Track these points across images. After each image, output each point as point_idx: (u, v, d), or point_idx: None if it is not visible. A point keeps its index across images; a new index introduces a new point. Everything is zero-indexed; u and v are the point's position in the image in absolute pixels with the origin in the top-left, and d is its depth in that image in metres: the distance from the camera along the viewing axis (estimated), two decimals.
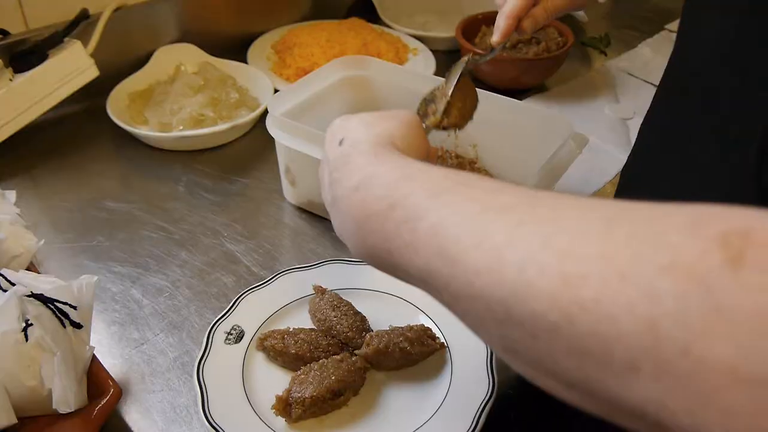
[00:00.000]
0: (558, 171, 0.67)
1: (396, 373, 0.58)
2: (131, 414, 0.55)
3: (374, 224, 0.36)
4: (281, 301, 0.63)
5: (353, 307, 0.61)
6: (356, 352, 0.58)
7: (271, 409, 0.53)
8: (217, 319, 0.60)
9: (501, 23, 0.68)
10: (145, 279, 0.68)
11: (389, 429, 0.54)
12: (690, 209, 0.25)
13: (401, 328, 0.59)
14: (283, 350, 0.57)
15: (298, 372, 0.56)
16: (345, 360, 0.56)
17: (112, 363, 0.59)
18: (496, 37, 0.68)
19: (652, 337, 0.23)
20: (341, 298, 0.62)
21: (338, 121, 0.45)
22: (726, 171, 0.43)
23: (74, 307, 0.51)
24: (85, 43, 0.88)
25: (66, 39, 0.87)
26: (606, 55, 1.15)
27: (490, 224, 0.30)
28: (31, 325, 0.48)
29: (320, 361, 0.56)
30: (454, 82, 0.61)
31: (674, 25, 1.26)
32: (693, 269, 0.22)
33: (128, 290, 0.67)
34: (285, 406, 0.53)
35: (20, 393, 0.49)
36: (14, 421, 0.49)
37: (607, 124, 0.96)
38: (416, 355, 0.58)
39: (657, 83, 1.08)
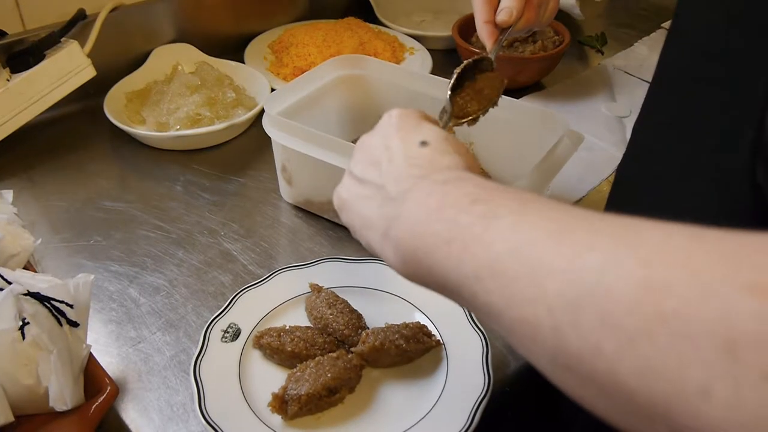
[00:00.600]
0: (553, 169, 0.67)
1: (392, 370, 0.59)
2: (128, 412, 0.55)
3: (436, 253, 0.34)
4: (278, 299, 0.63)
5: (349, 304, 0.62)
6: (352, 349, 0.58)
7: (268, 406, 0.53)
8: (213, 317, 0.60)
9: (482, 33, 0.68)
10: (142, 278, 0.68)
11: (385, 426, 0.54)
12: None
13: (397, 325, 0.59)
14: (279, 348, 0.57)
15: (294, 369, 0.56)
16: (341, 357, 0.56)
17: (109, 361, 0.59)
18: (487, 46, 0.68)
19: (731, 359, 0.21)
20: (337, 296, 0.62)
21: (375, 137, 0.45)
22: (719, 168, 0.43)
23: (71, 306, 0.51)
24: (82, 43, 0.88)
25: (63, 39, 0.87)
26: (603, 53, 1.15)
27: (569, 235, 0.28)
28: (28, 323, 0.49)
29: (316, 358, 0.56)
30: (451, 86, 0.62)
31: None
32: None
33: (125, 289, 0.67)
34: (281, 404, 0.53)
35: (17, 391, 0.49)
36: (11, 419, 0.49)
37: (604, 123, 0.96)
38: (412, 353, 0.58)
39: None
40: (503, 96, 0.76)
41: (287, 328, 0.59)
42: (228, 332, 0.60)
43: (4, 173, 0.82)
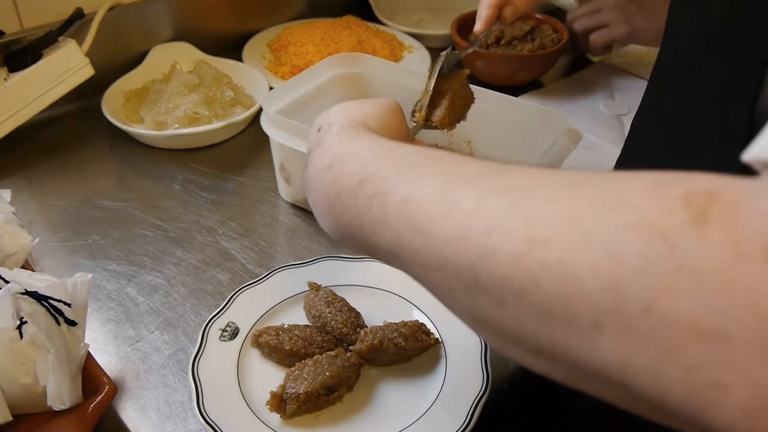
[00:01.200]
0: (552, 167, 0.67)
1: (390, 369, 0.59)
2: (126, 411, 0.55)
3: (346, 201, 0.37)
4: (276, 297, 0.63)
5: (348, 303, 0.62)
6: (351, 348, 0.58)
7: (266, 405, 0.53)
8: (211, 316, 0.60)
9: (483, 12, 0.71)
10: (141, 277, 0.68)
11: (383, 424, 0.54)
12: (654, 173, 0.25)
13: (395, 324, 0.59)
14: (277, 346, 0.57)
15: (293, 368, 0.56)
16: (339, 356, 0.56)
17: (107, 360, 0.59)
18: (478, 26, 0.71)
19: (616, 295, 0.23)
20: (336, 295, 0.62)
21: (321, 113, 0.46)
22: (717, 162, 0.43)
23: (69, 305, 0.51)
24: (80, 42, 0.88)
25: (61, 38, 0.87)
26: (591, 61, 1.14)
27: (457, 194, 0.30)
28: (26, 322, 0.49)
29: (314, 357, 0.56)
30: (435, 76, 0.62)
31: None
32: (656, 227, 0.23)
33: (123, 288, 0.67)
34: (279, 402, 0.53)
35: (15, 391, 0.49)
36: (9, 418, 0.49)
37: (603, 121, 0.96)
38: (410, 351, 0.58)
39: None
40: (501, 93, 0.76)
41: (285, 326, 0.59)
42: (226, 331, 0.59)
43: (2, 172, 0.82)
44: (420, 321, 0.60)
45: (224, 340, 0.59)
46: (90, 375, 0.53)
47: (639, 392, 0.23)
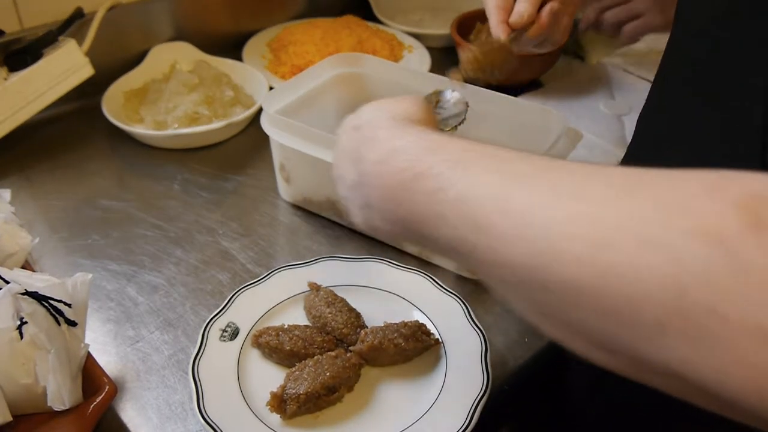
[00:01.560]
0: None
1: (390, 369, 0.59)
2: (126, 411, 0.55)
3: (403, 194, 0.37)
4: (276, 298, 0.63)
5: (348, 303, 0.62)
6: (351, 348, 0.58)
7: (266, 405, 0.53)
8: (211, 316, 0.60)
9: (497, 31, 0.70)
10: (140, 277, 0.68)
11: (384, 424, 0.54)
12: (707, 174, 0.26)
13: (396, 324, 0.59)
14: (277, 347, 0.57)
15: (293, 368, 0.56)
16: (340, 356, 0.56)
17: (107, 360, 0.59)
18: (502, 38, 0.69)
19: (680, 298, 0.24)
20: (336, 295, 0.62)
21: (350, 116, 0.46)
22: (725, 160, 0.43)
23: (69, 305, 0.51)
24: (80, 42, 0.88)
25: (61, 38, 0.87)
26: (582, 59, 1.14)
27: (515, 192, 0.31)
28: (26, 322, 0.49)
29: (315, 357, 0.56)
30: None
31: None
32: (716, 232, 0.24)
33: (123, 288, 0.67)
34: (279, 403, 0.53)
35: (15, 391, 0.49)
36: (9, 419, 0.49)
37: (603, 121, 0.96)
38: (411, 351, 0.58)
39: (653, 79, 1.08)
40: (500, 93, 0.76)
41: (286, 326, 0.59)
42: (226, 331, 0.59)
43: (2, 172, 0.82)
44: (420, 321, 0.60)
45: (224, 341, 0.59)
46: (90, 375, 0.53)
47: (701, 386, 0.24)
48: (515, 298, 0.32)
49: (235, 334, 0.60)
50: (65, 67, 0.86)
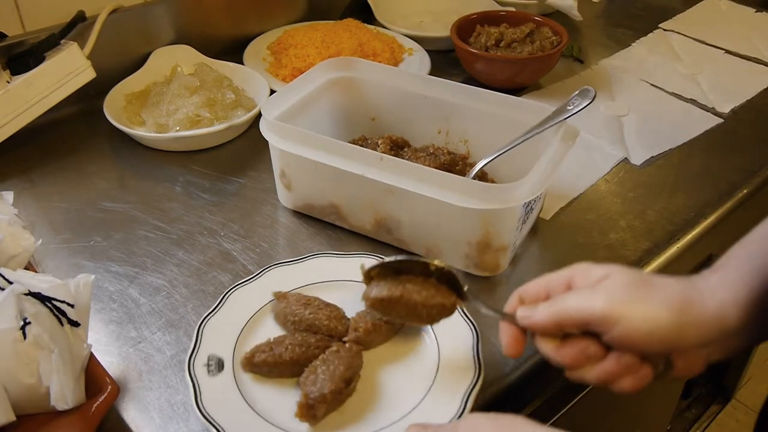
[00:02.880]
0: (553, 165, 0.67)
1: (380, 352, 0.60)
2: (129, 411, 0.56)
3: None
4: (243, 318, 0.61)
5: (321, 299, 0.62)
6: (344, 339, 0.58)
7: (295, 417, 0.52)
8: (189, 355, 0.57)
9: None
10: (143, 278, 0.68)
11: (393, 405, 0.55)
12: None
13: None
14: (277, 360, 0.56)
15: (304, 374, 0.55)
16: (340, 349, 0.57)
17: (109, 361, 0.59)
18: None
19: None
20: (307, 296, 0.62)
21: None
22: None
23: (72, 306, 0.52)
24: (82, 45, 0.88)
25: (63, 41, 0.87)
26: (582, 61, 1.14)
27: None
28: (29, 323, 0.49)
29: (320, 357, 0.56)
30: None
31: (668, 24, 1.27)
32: None
33: (126, 289, 0.67)
34: (308, 409, 0.52)
35: (18, 391, 0.49)
36: (13, 418, 0.49)
37: (602, 121, 0.97)
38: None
39: (651, 81, 1.09)
40: (497, 93, 0.77)
41: (272, 340, 0.58)
42: (210, 365, 0.57)
43: (5, 175, 0.82)
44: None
45: (213, 375, 0.56)
46: (93, 375, 0.53)
47: None
48: None
49: (220, 365, 0.57)
50: (67, 70, 0.86)
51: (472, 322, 0.60)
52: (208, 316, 0.60)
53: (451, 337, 0.60)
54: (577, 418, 0.76)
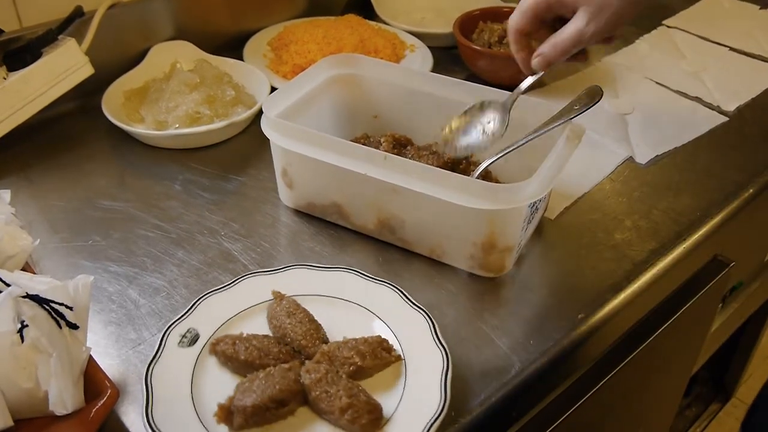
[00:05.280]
0: (559, 164, 0.66)
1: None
2: (129, 415, 0.55)
3: None
4: (241, 305, 0.61)
5: (309, 314, 0.59)
6: (307, 361, 0.56)
7: (213, 416, 0.52)
8: (172, 321, 0.58)
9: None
10: (142, 278, 0.67)
11: None
12: None
13: (355, 339, 0.56)
14: (232, 356, 0.55)
15: (244, 380, 0.54)
16: (293, 369, 0.54)
17: (109, 364, 0.58)
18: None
19: None
20: (298, 305, 0.60)
21: None
22: None
23: (70, 308, 0.51)
24: (80, 41, 0.87)
25: (60, 37, 0.86)
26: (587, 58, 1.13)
27: None
28: (27, 326, 0.48)
29: (267, 369, 0.54)
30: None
31: (671, 21, 1.26)
32: None
33: (125, 290, 0.66)
34: (227, 414, 0.51)
35: (16, 395, 0.48)
36: (10, 423, 0.48)
37: (606, 119, 0.96)
38: (370, 369, 0.56)
39: (655, 79, 1.08)
40: (500, 90, 0.76)
41: (244, 335, 0.57)
42: (186, 337, 0.58)
43: (1, 173, 0.81)
44: (382, 337, 0.57)
45: (183, 346, 0.57)
46: (92, 379, 0.52)
47: None
48: None
49: (194, 340, 0.58)
50: (65, 67, 0.85)
51: (444, 348, 0.57)
52: (211, 293, 0.61)
53: (422, 363, 0.57)
54: (582, 418, 0.76)
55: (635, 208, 0.79)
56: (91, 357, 0.53)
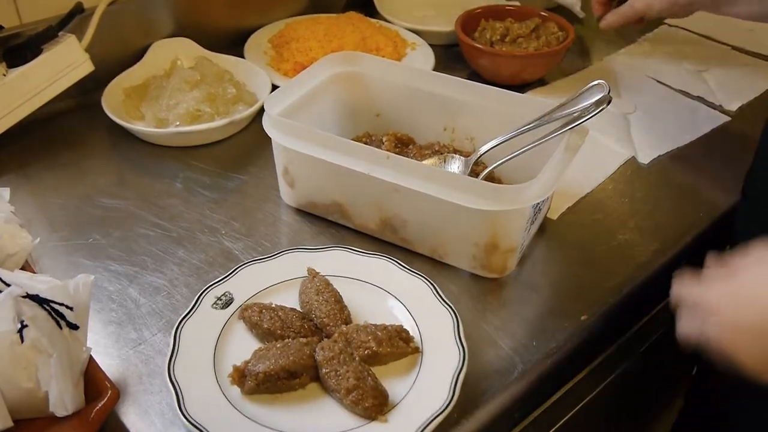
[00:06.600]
0: (563, 164, 0.65)
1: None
2: (129, 416, 0.54)
3: None
4: (277, 277, 0.64)
5: (337, 294, 0.61)
6: (319, 345, 0.57)
7: (227, 377, 0.54)
8: (211, 283, 0.62)
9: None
10: (142, 278, 0.67)
11: (334, 419, 0.53)
12: None
13: (374, 325, 0.58)
14: (257, 323, 0.58)
15: (261, 347, 0.56)
16: (310, 344, 0.56)
17: (109, 364, 0.58)
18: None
19: None
20: (329, 285, 0.62)
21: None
22: None
23: (70, 308, 0.50)
24: (80, 38, 0.86)
25: (60, 33, 0.86)
26: (588, 57, 1.12)
27: None
28: (27, 326, 0.48)
29: (285, 340, 0.57)
30: None
31: (673, 20, 1.25)
32: None
33: (125, 289, 0.66)
34: (240, 377, 0.54)
35: (16, 395, 0.48)
36: (10, 424, 0.48)
37: (608, 119, 0.95)
38: (384, 356, 0.56)
39: (658, 78, 1.08)
40: (503, 90, 0.75)
41: (273, 306, 0.60)
42: (221, 299, 0.61)
43: (1, 171, 0.81)
44: (402, 327, 0.58)
45: (216, 308, 0.60)
46: (92, 379, 0.52)
47: None
48: None
49: (228, 303, 0.61)
50: (65, 63, 0.85)
51: (463, 345, 0.57)
52: (252, 263, 0.64)
53: (437, 358, 0.57)
54: (585, 419, 0.76)
55: (638, 208, 0.79)
56: (91, 357, 0.52)
